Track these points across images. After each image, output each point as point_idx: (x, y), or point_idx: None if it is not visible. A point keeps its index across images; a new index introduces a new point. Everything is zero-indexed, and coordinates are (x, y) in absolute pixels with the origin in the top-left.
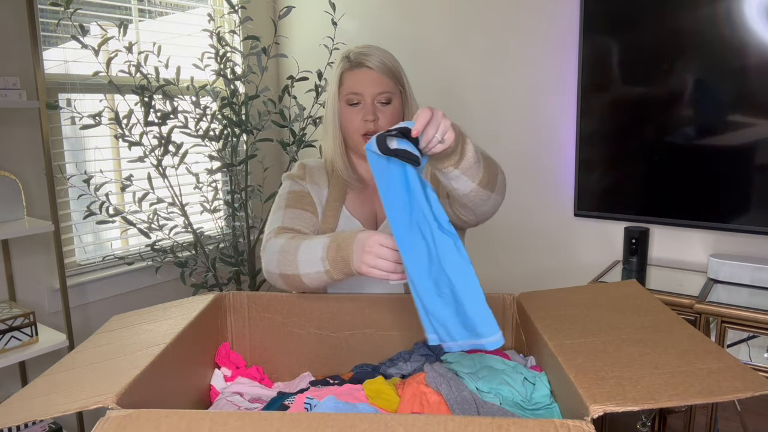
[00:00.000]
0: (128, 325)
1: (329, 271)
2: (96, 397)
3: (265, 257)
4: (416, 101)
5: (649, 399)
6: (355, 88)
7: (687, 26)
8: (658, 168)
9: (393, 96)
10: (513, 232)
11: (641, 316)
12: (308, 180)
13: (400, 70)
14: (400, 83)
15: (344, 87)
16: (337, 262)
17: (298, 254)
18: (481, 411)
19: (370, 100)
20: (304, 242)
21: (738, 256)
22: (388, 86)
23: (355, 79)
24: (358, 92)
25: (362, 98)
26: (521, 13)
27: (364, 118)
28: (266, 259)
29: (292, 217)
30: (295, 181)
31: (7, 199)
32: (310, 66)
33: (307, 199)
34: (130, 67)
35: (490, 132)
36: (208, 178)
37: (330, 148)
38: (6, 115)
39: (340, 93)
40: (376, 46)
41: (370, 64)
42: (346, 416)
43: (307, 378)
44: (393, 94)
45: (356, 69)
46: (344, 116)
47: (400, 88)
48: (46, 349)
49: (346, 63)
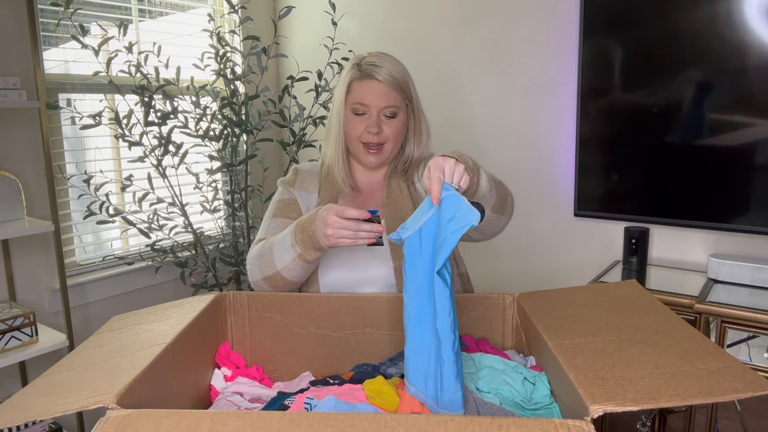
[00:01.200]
0: (128, 326)
1: (301, 254)
2: (96, 397)
3: (248, 269)
4: (425, 114)
5: (649, 399)
6: (362, 99)
7: (687, 27)
8: (658, 168)
9: (399, 110)
10: (513, 232)
11: (641, 316)
12: (297, 186)
13: (408, 83)
14: (408, 97)
15: (351, 96)
16: (305, 241)
17: (273, 252)
18: (481, 411)
19: (376, 113)
20: (275, 240)
21: (738, 256)
22: (395, 100)
23: (363, 89)
24: (364, 103)
25: (368, 109)
26: (521, 14)
27: (367, 130)
28: (249, 269)
29: (275, 226)
30: (285, 188)
31: (7, 199)
32: (310, 66)
33: (293, 206)
34: (130, 67)
35: (491, 132)
36: (208, 178)
37: (331, 152)
38: (6, 115)
39: (347, 101)
40: (389, 56)
41: (380, 77)
42: (346, 416)
43: (307, 378)
44: (399, 108)
45: (365, 80)
46: (349, 124)
47: (406, 101)
48: (46, 349)
49: (356, 72)
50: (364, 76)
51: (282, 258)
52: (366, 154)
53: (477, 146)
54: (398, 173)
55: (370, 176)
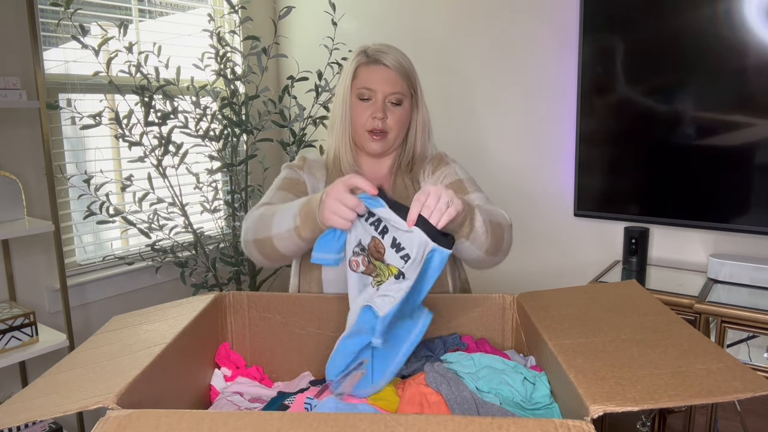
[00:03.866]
0: (128, 326)
1: (298, 227)
2: (96, 397)
3: (243, 228)
4: (427, 108)
5: (649, 399)
6: (369, 84)
7: (687, 26)
8: (658, 168)
9: (404, 98)
10: (513, 232)
11: (641, 316)
12: (306, 171)
13: (414, 73)
14: (413, 86)
15: (357, 80)
16: (307, 214)
17: (275, 216)
18: (481, 411)
19: (382, 98)
20: (284, 206)
21: (738, 256)
22: (401, 87)
23: (370, 74)
24: (371, 88)
25: (374, 94)
26: (521, 13)
27: (372, 115)
28: (244, 228)
29: (281, 198)
30: (293, 169)
31: (7, 199)
32: (310, 66)
33: (301, 186)
34: (130, 67)
35: (491, 132)
36: (208, 178)
37: (336, 140)
38: (6, 115)
39: (353, 86)
40: (395, 47)
41: (387, 62)
42: (346, 416)
43: (307, 378)
44: (404, 96)
45: (373, 65)
46: (354, 110)
47: (411, 91)
48: (46, 349)
49: (363, 57)
50: (372, 61)
51: (279, 225)
52: (370, 141)
53: (477, 146)
54: (403, 170)
55: (374, 167)
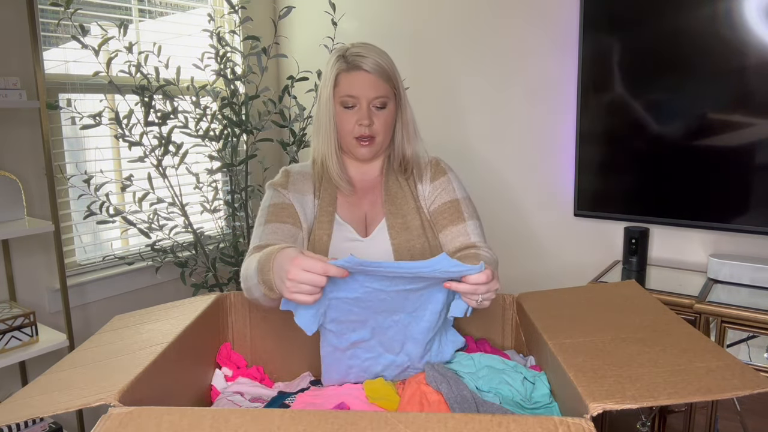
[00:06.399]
0: (130, 325)
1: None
2: (98, 395)
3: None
4: (410, 104)
5: (648, 397)
6: (351, 91)
7: (687, 26)
8: (658, 168)
9: (388, 100)
10: (513, 232)
11: (641, 316)
12: (291, 188)
13: (395, 72)
14: (395, 87)
15: (339, 88)
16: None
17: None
18: (481, 410)
19: (366, 104)
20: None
21: (738, 256)
22: (384, 90)
23: (351, 81)
24: (354, 95)
25: (358, 101)
26: (521, 12)
27: (359, 122)
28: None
29: (270, 232)
30: (277, 191)
31: (7, 199)
32: (310, 66)
33: (288, 210)
34: (131, 67)
35: (490, 132)
36: (208, 178)
37: (322, 148)
38: (6, 115)
39: (335, 94)
40: (372, 45)
41: (367, 67)
42: (347, 414)
43: (308, 378)
44: (388, 98)
45: (353, 71)
46: (339, 118)
47: (394, 91)
48: (46, 349)
49: (342, 64)
50: (351, 67)
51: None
52: (358, 147)
53: (477, 145)
54: (396, 170)
55: (363, 172)
